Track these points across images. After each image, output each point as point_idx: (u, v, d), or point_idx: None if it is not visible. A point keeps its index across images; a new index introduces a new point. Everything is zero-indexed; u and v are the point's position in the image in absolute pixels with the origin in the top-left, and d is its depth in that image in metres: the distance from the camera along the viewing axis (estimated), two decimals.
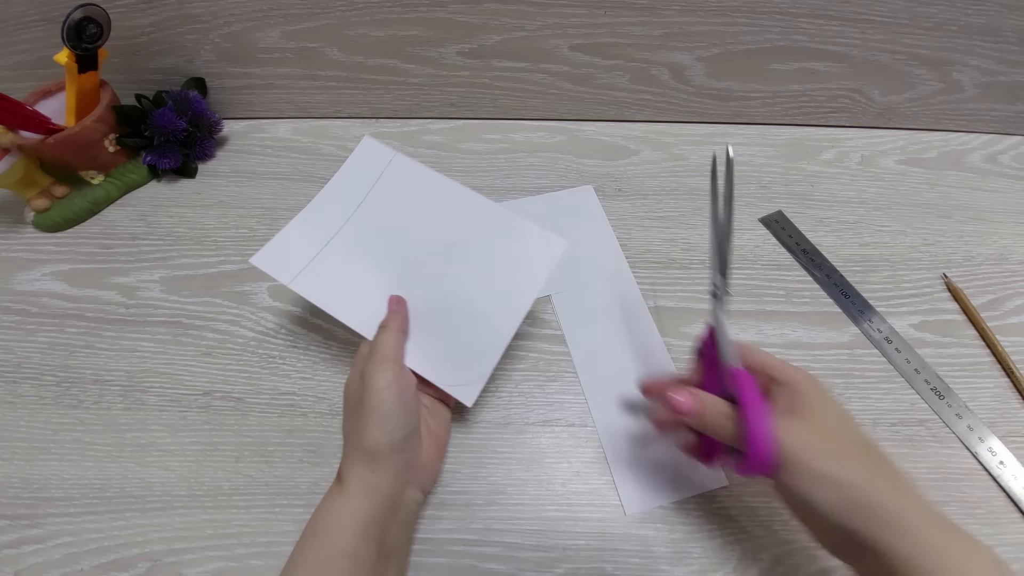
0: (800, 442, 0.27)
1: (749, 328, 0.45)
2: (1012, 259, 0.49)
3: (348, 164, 0.43)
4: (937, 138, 0.59)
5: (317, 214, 0.41)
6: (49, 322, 0.46)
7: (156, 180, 0.56)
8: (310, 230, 0.41)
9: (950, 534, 0.26)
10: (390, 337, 0.35)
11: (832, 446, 0.27)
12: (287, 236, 0.41)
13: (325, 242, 0.41)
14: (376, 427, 0.32)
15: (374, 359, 0.34)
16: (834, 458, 0.27)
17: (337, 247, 0.40)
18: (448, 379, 0.37)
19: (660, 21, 0.52)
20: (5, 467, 0.39)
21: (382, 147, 0.43)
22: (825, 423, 0.28)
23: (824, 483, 0.26)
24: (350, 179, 0.42)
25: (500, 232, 0.40)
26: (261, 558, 0.35)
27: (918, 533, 0.25)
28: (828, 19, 0.51)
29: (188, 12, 0.52)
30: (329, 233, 0.41)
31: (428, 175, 0.42)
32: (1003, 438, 0.39)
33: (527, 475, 0.38)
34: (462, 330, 0.38)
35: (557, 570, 0.35)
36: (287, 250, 0.40)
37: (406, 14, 0.52)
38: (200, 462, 0.39)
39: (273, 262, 0.40)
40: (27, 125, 0.48)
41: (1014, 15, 0.50)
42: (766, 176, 0.56)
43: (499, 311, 0.38)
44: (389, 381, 0.33)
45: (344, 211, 0.41)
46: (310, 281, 0.39)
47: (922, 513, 0.26)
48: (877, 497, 0.26)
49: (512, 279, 0.39)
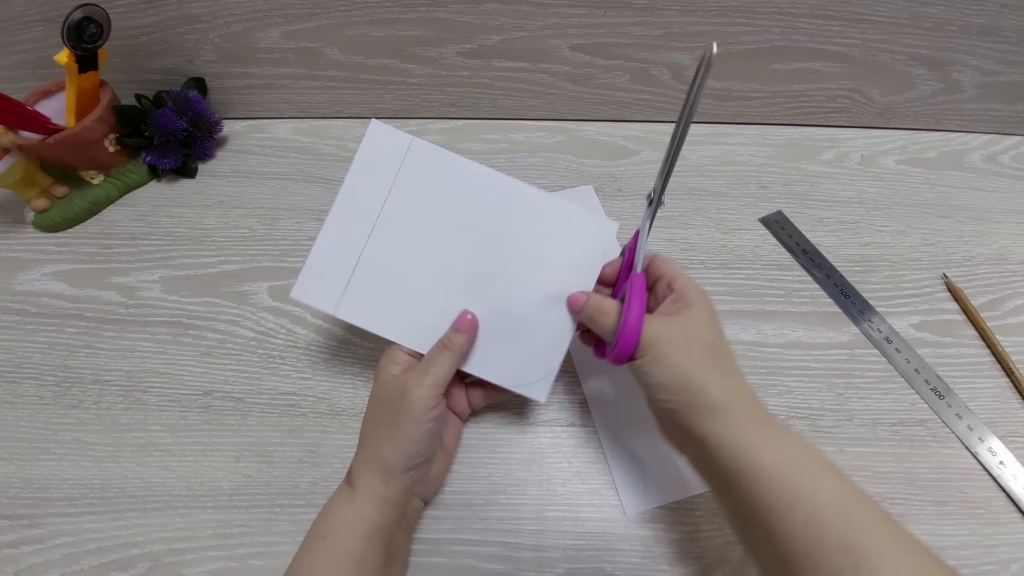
0: (663, 336, 0.30)
1: (749, 328, 0.45)
2: (1012, 259, 0.49)
3: (361, 156, 0.37)
4: (937, 138, 0.59)
5: (341, 221, 0.37)
6: (49, 322, 0.46)
7: (156, 180, 0.56)
8: (339, 242, 0.37)
9: (764, 423, 0.28)
10: (449, 361, 0.34)
11: (687, 345, 0.30)
12: (319, 256, 0.37)
13: (358, 254, 0.37)
14: (402, 447, 0.32)
15: (425, 381, 0.32)
16: (684, 354, 0.29)
17: (372, 257, 0.37)
18: (515, 380, 0.36)
19: (660, 21, 0.52)
20: (5, 467, 0.39)
21: (395, 132, 0.38)
22: (692, 327, 0.30)
23: (660, 365, 0.29)
24: (367, 174, 0.37)
25: (546, 219, 0.37)
26: (261, 558, 0.35)
27: (735, 420, 0.28)
28: (828, 19, 0.51)
29: (188, 12, 0.52)
30: (359, 243, 0.37)
31: (453, 160, 0.37)
32: (1003, 438, 0.39)
33: (527, 475, 0.38)
34: (522, 329, 0.37)
35: (557, 570, 0.35)
36: (323, 273, 0.37)
37: (406, 14, 0.52)
38: (200, 462, 0.39)
39: (313, 291, 0.37)
40: (27, 125, 0.48)
41: (1014, 15, 0.50)
42: (766, 176, 0.56)
43: (559, 304, 0.37)
44: (434, 411, 0.32)
45: (369, 213, 0.37)
46: (355, 303, 0.37)
47: (741, 403, 0.29)
48: (703, 382, 0.28)
49: (567, 269, 0.37)
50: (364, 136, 0.37)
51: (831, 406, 0.41)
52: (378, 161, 0.37)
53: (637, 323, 0.30)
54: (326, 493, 0.37)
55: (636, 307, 0.31)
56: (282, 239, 0.51)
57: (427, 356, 0.34)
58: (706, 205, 0.53)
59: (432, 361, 0.33)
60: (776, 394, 0.41)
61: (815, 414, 0.41)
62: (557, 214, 0.37)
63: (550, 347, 0.37)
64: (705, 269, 0.48)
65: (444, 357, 0.34)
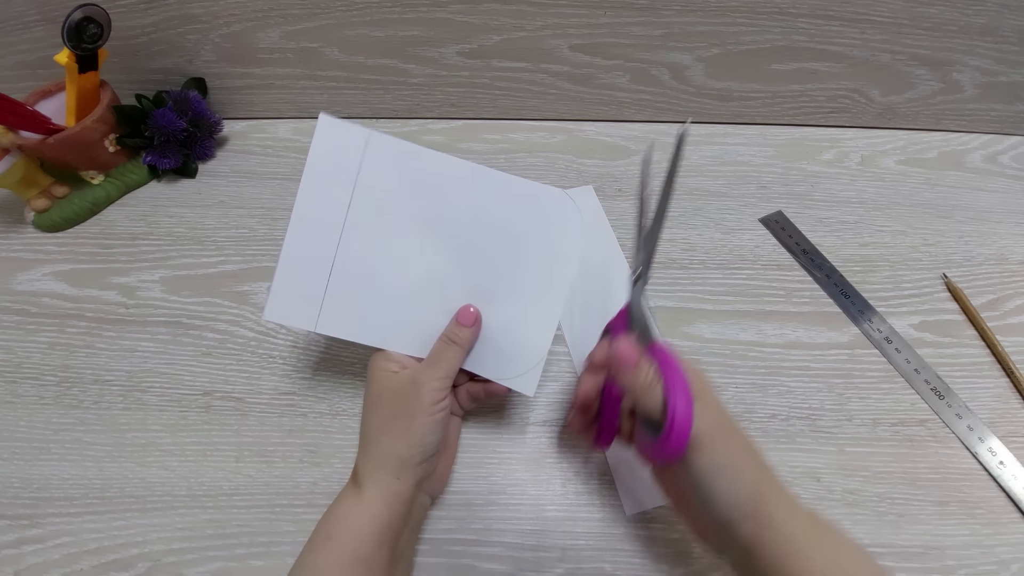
0: (705, 420, 0.27)
1: (749, 328, 0.45)
2: (1012, 259, 0.49)
3: (314, 155, 0.34)
4: (937, 138, 0.59)
5: (305, 230, 0.35)
6: (49, 322, 0.46)
7: (156, 180, 0.56)
8: (307, 253, 0.35)
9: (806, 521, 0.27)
10: (457, 355, 0.34)
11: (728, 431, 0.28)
12: (287, 271, 0.35)
13: (330, 263, 0.35)
14: (417, 438, 0.32)
15: (436, 375, 0.33)
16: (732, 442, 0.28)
17: (345, 265, 0.35)
18: (504, 372, 0.36)
19: (660, 21, 0.52)
20: (5, 467, 0.39)
21: (349, 126, 0.35)
22: (719, 411, 0.29)
23: (728, 468, 0.27)
24: (324, 174, 0.35)
25: (519, 201, 0.35)
26: (261, 558, 0.35)
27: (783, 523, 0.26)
28: (828, 19, 0.51)
29: (188, 12, 0.52)
30: (329, 251, 0.35)
31: (416, 152, 0.35)
32: (1003, 438, 0.39)
33: (527, 475, 0.38)
34: (507, 320, 0.36)
35: (557, 570, 0.35)
36: (294, 288, 0.35)
37: (406, 14, 0.52)
38: (200, 462, 0.39)
39: (287, 310, 0.35)
40: (27, 125, 0.48)
41: (1014, 15, 0.50)
42: (766, 176, 0.56)
43: (541, 291, 0.36)
44: (444, 402, 0.33)
45: (334, 218, 0.35)
46: (335, 316, 0.35)
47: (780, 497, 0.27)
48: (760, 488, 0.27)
49: (546, 253, 0.35)
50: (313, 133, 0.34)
51: (831, 406, 0.41)
52: (335, 159, 0.35)
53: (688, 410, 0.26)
54: (326, 493, 0.37)
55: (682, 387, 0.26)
56: (282, 239, 0.50)
57: (434, 350, 0.34)
58: (706, 205, 0.53)
59: (440, 355, 0.34)
60: (776, 394, 0.41)
61: (815, 414, 0.41)
62: (528, 194, 0.35)
63: (536, 337, 0.36)
64: (705, 269, 0.48)
65: (452, 351, 0.34)
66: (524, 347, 0.36)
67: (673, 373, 0.28)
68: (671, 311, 0.46)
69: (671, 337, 0.44)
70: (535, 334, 0.36)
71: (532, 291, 0.36)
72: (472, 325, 0.35)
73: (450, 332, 0.34)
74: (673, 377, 0.27)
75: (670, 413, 0.26)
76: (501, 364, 0.36)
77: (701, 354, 0.43)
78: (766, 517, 0.26)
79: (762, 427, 0.40)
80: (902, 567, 0.35)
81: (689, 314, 0.46)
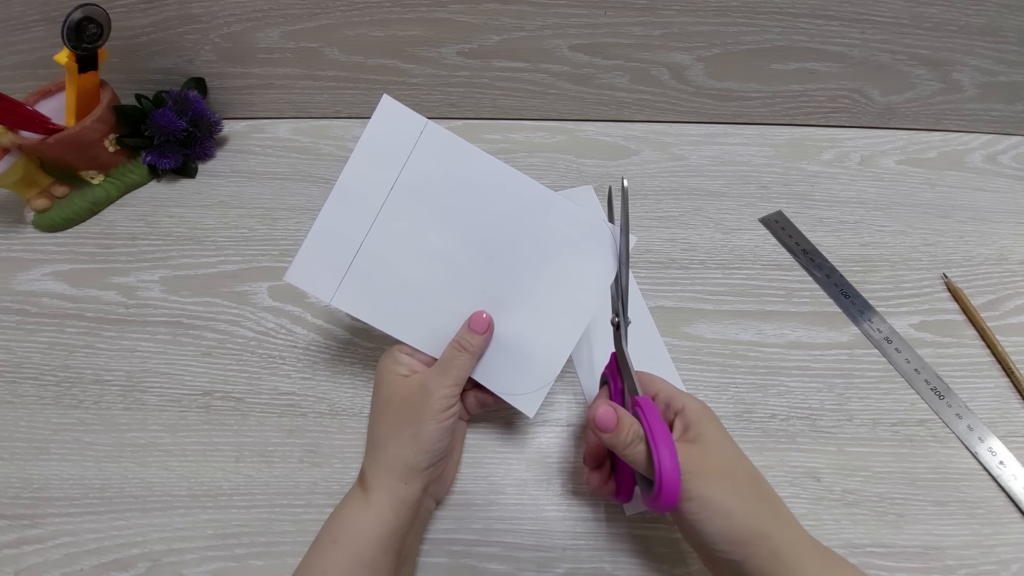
0: (695, 468, 0.27)
1: (749, 328, 0.45)
2: (1012, 259, 0.49)
3: (369, 133, 0.35)
4: (937, 138, 0.59)
5: (344, 204, 0.35)
6: (49, 322, 0.46)
7: (156, 180, 0.56)
8: (340, 226, 0.35)
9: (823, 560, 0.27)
10: (468, 363, 0.33)
11: (724, 475, 0.28)
12: (317, 240, 0.35)
13: (359, 241, 0.35)
14: (427, 444, 0.32)
15: (446, 381, 0.32)
16: (726, 487, 0.27)
17: (374, 246, 0.35)
18: (507, 388, 0.35)
19: (660, 21, 0.52)
20: (5, 467, 0.39)
21: (408, 112, 0.35)
22: (718, 451, 0.29)
23: (717, 512, 0.26)
24: (374, 154, 0.35)
25: (560, 224, 0.35)
26: (261, 558, 0.35)
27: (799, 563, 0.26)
28: (828, 19, 0.51)
29: (188, 12, 0.52)
30: (361, 229, 0.35)
31: (467, 151, 0.35)
32: (1003, 438, 0.39)
33: (527, 475, 0.38)
34: (521, 335, 0.35)
35: (557, 570, 0.35)
36: (320, 257, 0.35)
37: (406, 14, 0.52)
38: (200, 462, 0.39)
39: (308, 275, 0.35)
40: (27, 125, 0.48)
41: (1014, 15, 0.50)
42: (766, 176, 0.56)
43: (562, 315, 0.35)
44: (454, 409, 0.33)
45: (374, 198, 0.35)
46: (353, 293, 0.35)
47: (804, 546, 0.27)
48: (762, 528, 0.26)
49: (574, 278, 0.35)
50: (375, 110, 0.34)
51: (831, 406, 0.41)
52: (387, 141, 0.35)
53: (673, 464, 0.26)
54: (326, 493, 0.37)
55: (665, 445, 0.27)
56: (282, 239, 0.51)
57: (444, 356, 0.34)
58: (706, 205, 0.53)
59: (450, 362, 0.33)
60: (776, 394, 0.41)
61: (815, 414, 0.41)
62: (569, 215, 0.35)
63: (547, 360, 0.35)
64: (705, 269, 0.48)
65: (462, 359, 0.33)
66: (533, 367, 0.35)
67: (657, 429, 0.27)
68: (671, 311, 0.46)
69: (671, 337, 0.44)
70: (547, 356, 0.35)
71: (552, 312, 0.35)
72: (484, 332, 0.34)
73: (461, 338, 0.34)
74: (657, 433, 0.27)
75: (656, 471, 0.26)
76: (507, 379, 0.35)
77: (701, 354, 0.43)
78: (770, 553, 0.26)
79: (762, 427, 0.40)
80: (902, 567, 0.35)
81: (689, 314, 0.46)
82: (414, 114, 0.35)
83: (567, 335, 0.35)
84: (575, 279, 0.35)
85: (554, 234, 0.35)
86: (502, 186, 0.35)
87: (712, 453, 0.28)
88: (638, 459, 0.28)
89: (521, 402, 0.36)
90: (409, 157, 0.35)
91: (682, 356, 0.43)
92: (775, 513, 0.28)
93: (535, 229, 0.35)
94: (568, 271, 0.35)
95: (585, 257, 0.35)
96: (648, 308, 0.46)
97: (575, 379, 0.42)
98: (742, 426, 0.40)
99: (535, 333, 0.35)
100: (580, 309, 0.35)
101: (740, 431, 0.40)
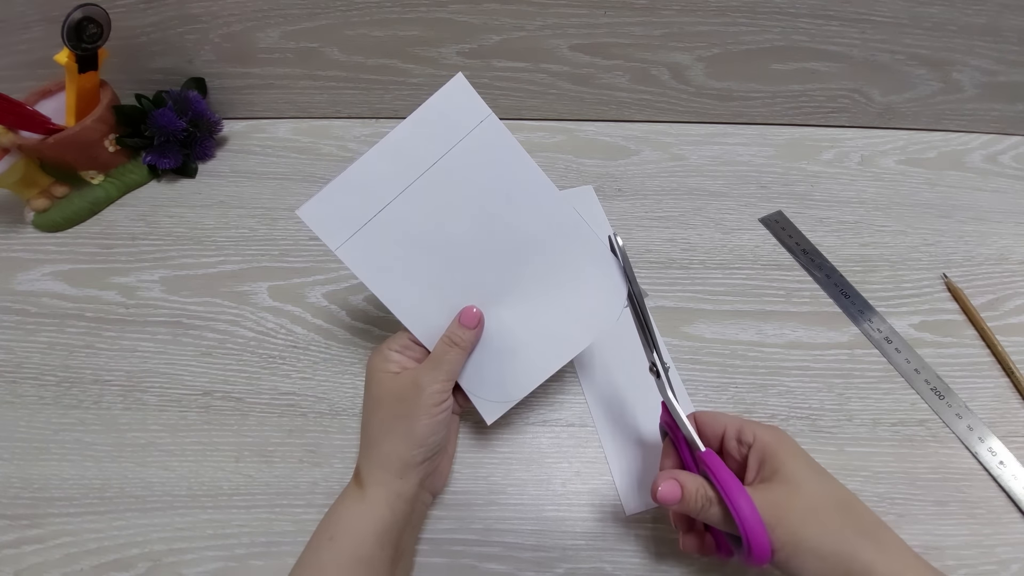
0: (777, 517, 0.26)
1: (749, 328, 0.45)
2: (1012, 259, 0.49)
3: (431, 104, 0.34)
4: (937, 138, 0.59)
5: (382, 161, 0.34)
6: (49, 322, 0.46)
7: (156, 180, 0.56)
8: (370, 181, 0.34)
9: None
10: (459, 358, 0.34)
11: (810, 513, 0.26)
12: (344, 186, 0.34)
13: (385, 203, 0.34)
14: (421, 438, 0.32)
15: (438, 376, 0.33)
16: (813, 528, 0.26)
17: (396, 213, 0.34)
18: (477, 389, 0.36)
19: (660, 21, 0.52)
20: (5, 467, 0.39)
21: (476, 98, 0.34)
22: (799, 487, 0.27)
23: (808, 557, 0.25)
24: (429, 125, 0.34)
25: (579, 254, 0.35)
26: (261, 558, 0.35)
27: None
28: (828, 19, 0.51)
29: (188, 12, 0.52)
30: (391, 192, 0.34)
31: (519, 155, 0.35)
32: (1003, 438, 0.39)
33: (527, 475, 0.38)
34: (510, 346, 0.35)
35: (557, 570, 0.35)
36: (341, 204, 0.34)
37: (406, 14, 0.52)
38: (200, 462, 0.39)
39: (322, 217, 0.34)
40: (27, 125, 0.48)
41: (1014, 15, 0.50)
42: (766, 176, 0.56)
43: (550, 342, 0.36)
44: (446, 403, 0.33)
45: (413, 167, 0.34)
46: (360, 250, 0.34)
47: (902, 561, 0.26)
48: (861, 562, 0.25)
49: (574, 314, 0.36)
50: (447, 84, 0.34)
51: (831, 406, 0.41)
52: (446, 118, 0.34)
53: (755, 519, 0.25)
54: (326, 493, 0.37)
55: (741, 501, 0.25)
56: (282, 239, 0.51)
57: (435, 352, 0.34)
58: (706, 205, 0.53)
59: (442, 357, 0.33)
60: (776, 394, 0.41)
61: (815, 414, 0.41)
62: (593, 258, 0.35)
63: (522, 378, 0.36)
64: (705, 269, 0.48)
65: (454, 354, 0.34)
66: (506, 380, 0.36)
67: (729, 485, 0.26)
68: (671, 311, 0.46)
69: (671, 337, 0.44)
70: (522, 375, 0.36)
71: (541, 337, 0.36)
72: (475, 327, 0.34)
73: (452, 333, 0.34)
74: (731, 490, 0.26)
75: (740, 531, 0.25)
76: (479, 379, 0.36)
77: (701, 354, 0.43)
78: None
79: None
80: None
81: (689, 314, 0.46)
82: (481, 101, 0.34)
83: (548, 362, 0.36)
84: (574, 314, 0.36)
85: (571, 265, 0.35)
86: (538, 201, 0.35)
87: (793, 491, 0.27)
88: (716, 520, 0.27)
89: (484, 406, 0.36)
90: (461, 141, 0.34)
91: (682, 356, 0.43)
92: (873, 542, 0.26)
93: (555, 254, 0.35)
94: (571, 304, 0.36)
95: (592, 298, 0.36)
96: (648, 308, 0.46)
97: (575, 379, 0.42)
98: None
99: (519, 349, 0.36)
100: (569, 342, 0.36)
101: None
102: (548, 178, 0.35)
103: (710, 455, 0.29)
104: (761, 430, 0.30)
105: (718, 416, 0.32)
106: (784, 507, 0.26)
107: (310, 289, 0.47)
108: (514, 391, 0.36)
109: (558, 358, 0.36)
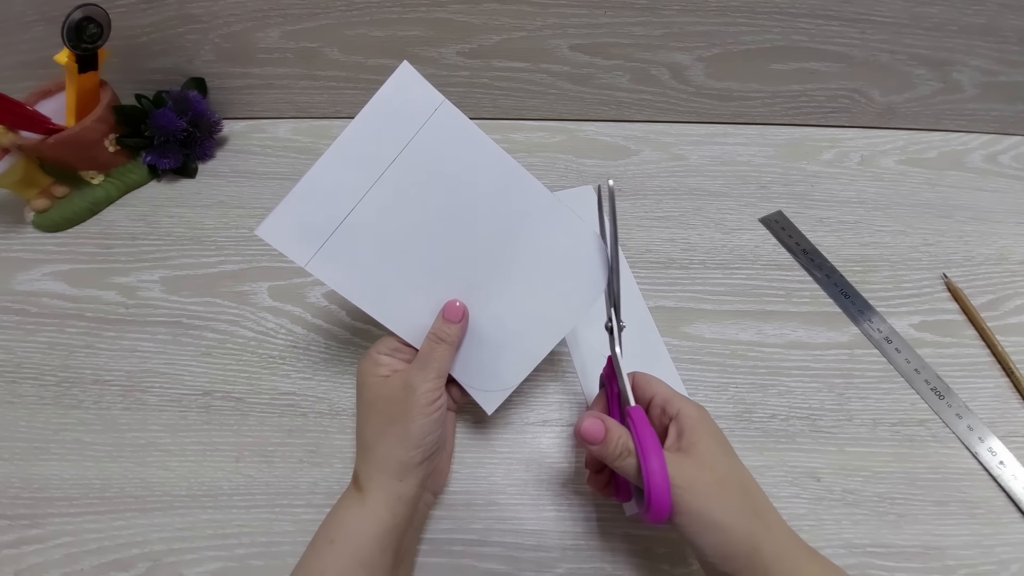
0: (686, 482, 0.27)
1: (749, 328, 0.45)
2: (1012, 259, 0.49)
3: (380, 98, 0.32)
4: (937, 138, 0.59)
5: (338, 165, 0.32)
6: (49, 322, 0.46)
7: (156, 180, 0.56)
8: (330, 188, 0.32)
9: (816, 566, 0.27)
10: (447, 354, 0.33)
11: (716, 487, 0.27)
12: (302, 197, 0.32)
13: (348, 208, 0.33)
14: (417, 439, 0.31)
15: (428, 376, 0.32)
16: (717, 501, 0.27)
17: (362, 217, 0.33)
18: (473, 381, 0.36)
19: (660, 21, 0.52)
20: (5, 467, 0.39)
21: (426, 85, 0.33)
22: (711, 462, 0.28)
23: (707, 527, 0.26)
24: (381, 121, 0.32)
25: (556, 230, 0.34)
26: (261, 558, 0.35)
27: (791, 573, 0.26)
28: (828, 19, 0.51)
29: (188, 12, 0.52)
30: (353, 196, 0.33)
31: (478, 138, 0.33)
32: (1003, 438, 0.39)
33: (527, 475, 0.38)
34: (498, 335, 0.35)
35: (557, 570, 0.35)
36: (302, 217, 0.32)
37: (406, 14, 0.52)
38: (200, 462, 0.39)
39: (285, 234, 0.32)
40: (27, 125, 0.48)
41: (1014, 15, 0.50)
42: (766, 176, 0.56)
43: (538, 324, 0.35)
44: (440, 401, 0.32)
45: (372, 167, 0.33)
46: (331, 262, 0.33)
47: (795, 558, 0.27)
48: (752, 543, 0.26)
49: (559, 292, 0.35)
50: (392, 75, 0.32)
51: (831, 406, 0.41)
52: (398, 111, 0.33)
53: (663, 478, 0.26)
54: (326, 493, 0.37)
55: (654, 459, 0.27)
56: None
57: (423, 350, 0.34)
58: (706, 205, 0.53)
59: (430, 355, 0.33)
60: (776, 394, 0.41)
61: (815, 414, 0.41)
62: (568, 230, 0.34)
63: (516, 364, 0.35)
64: (705, 269, 0.48)
65: (441, 350, 0.33)
66: (500, 368, 0.35)
67: (646, 442, 0.27)
68: (671, 311, 0.46)
69: (671, 337, 0.44)
70: (516, 361, 0.35)
71: (529, 319, 0.35)
72: (459, 321, 0.34)
73: (437, 330, 0.34)
74: (647, 446, 0.27)
75: (645, 486, 0.26)
76: (473, 372, 0.35)
77: (701, 354, 0.43)
78: (760, 568, 0.26)
79: (762, 427, 0.40)
80: (902, 567, 0.35)
81: (689, 314, 0.46)
82: (432, 88, 0.33)
83: (540, 344, 0.35)
84: (558, 292, 0.35)
85: (548, 242, 0.35)
86: (506, 183, 0.34)
87: (705, 464, 0.28)
88: (628, 471, 0.28)
89: (483, 398, 0.36)
90: (418, 133, 0.33)
91: (682, 356, 0.43)
92: (766, 527, 0.27)
93: (533, 233, 0.34)
94: (554, 283, 0.35)
95: (574, 274, 0.35)
96: (648, 308, 0.46)
97: (575, 379, 0.42)
98: (742, 426, 0.40)
99: (509, 336, 0.35)
100: (558, 321, 0.36)
101: (740, 431, 0.40)
102: (511, 157, 0.34)
103: (637, 411, 0.29)
104: (687, 405, 0.31)
105: (652, 382, 0.32)
106: (694, 478, 0.27)
107: (310, 289, 0.47)
108: (510, 378, 0.36)
109: (550, 338, 0.36)
